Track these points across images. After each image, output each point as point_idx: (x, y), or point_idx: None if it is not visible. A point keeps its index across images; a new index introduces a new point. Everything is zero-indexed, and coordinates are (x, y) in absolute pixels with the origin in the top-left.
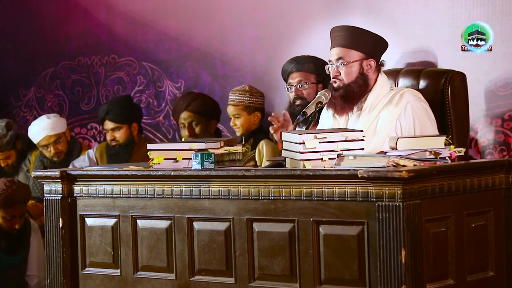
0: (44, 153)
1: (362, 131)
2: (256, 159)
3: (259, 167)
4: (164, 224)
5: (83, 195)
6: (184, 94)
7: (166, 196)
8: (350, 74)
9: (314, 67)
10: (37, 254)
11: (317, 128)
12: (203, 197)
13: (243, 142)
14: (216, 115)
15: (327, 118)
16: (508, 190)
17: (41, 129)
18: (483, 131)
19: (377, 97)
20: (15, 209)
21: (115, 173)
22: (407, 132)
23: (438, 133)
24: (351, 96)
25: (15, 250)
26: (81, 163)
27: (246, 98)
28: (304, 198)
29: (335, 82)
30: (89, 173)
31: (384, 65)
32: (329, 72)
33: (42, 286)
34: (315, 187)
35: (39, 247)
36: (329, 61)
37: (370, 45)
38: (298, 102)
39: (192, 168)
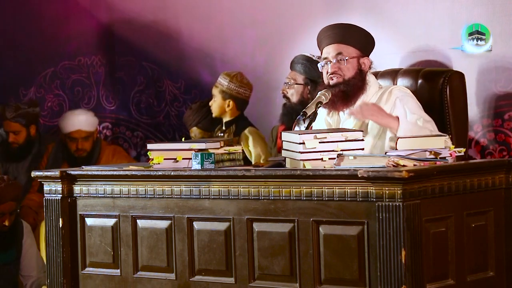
0: (69, 145)
1: (362, 131)
2: (242, 145)
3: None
4: (164, 224)
5: (83, 195)
6: (196, 107)
7: (166, 196)
8: (350, 69)
9: (302, 68)
10: (31, 255)
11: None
12: (203, 197)
13: (224, 128)
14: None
15: (318, 121)
16: (508, 190)
17: (76, 122)
18: (483, 131)
19: (367, 97)
20: (4, 206)
21: (115, 173)
22: None
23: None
24: (352, 91)
25: (6, 247)
26: None
27: (225, 83)
28: (304, 198)
29: (332, 78)
30: (89, 173)
31: (372, 65)
32: (322, 70)
33: (38, 284)
34: (315, 187)
35: (32, 247)
36: (324, 59)
37: (364, 42)
38: (285, 100)
39: (192, 168)
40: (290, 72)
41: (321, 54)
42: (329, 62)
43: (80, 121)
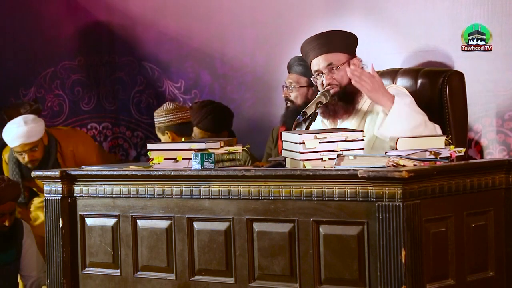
0: (18, 158)
1: (362, 131)
2: None
3: None
4: (164, 224)
5: (83, 195)
6: (197, 106)
7: (166, 196)
8: (344, 76)
9: (304, 70)
10: (31, 255)
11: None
12: (203, 197)
13: None
14: (227, 126)
15: (316, 123)
16: (508, 190)
17: (16, 136)
18: (483, 131)
19: (364, 97)
20: (4, 206)
21: (115, 173)
22: None
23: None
24: (351, 95)
25: (6, 247)
26: None
27: (156, 119)
28: (304, 198)
29: (329, 90)
30: (89, 173)
31: (362, 62)
32: (315, 83)
33: (38, 284)
34: (315, 187)
35: (32, 247)
36: (316, 71)
37: (348, 44)
38: (288, 103)
39: (192, 168)
40: (290, 75)
41: (310, 66)
42: (321, 74)
43: (20, 134)
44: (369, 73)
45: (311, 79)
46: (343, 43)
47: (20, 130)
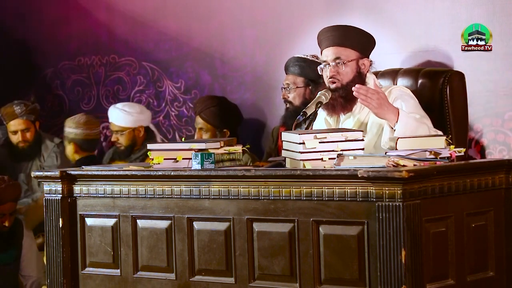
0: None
1: (362, 131)
2: None
3: None
4: (164, 224)
5: (83, 195)
6: (205, 97)
7: (166, 196)
8: (348, 73)
9: (299, 70)
10: (31, 255)
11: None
12: (203, 197)
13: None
14: (230, 125)
15: (318, 121)
16: (508, 190)
17: (111, 115)
18: (483, 131)
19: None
20: (4, 207)
21: (115, 173)
22: None
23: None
24: (351, 95)
25: (6, 247)
26: None
27: (65, 128)
28: (304, 198)
29: (332, 82)
30: (89, 173)
31: (372, 65)
32: (322, 73)
33: (38, 284)
34: (315, 187)
35: (32, 247)
36: (324, 61)
37: (363, 43)
38: (287, 105)
39: (192, 168)
40: (287, 76)
41: (321, 55)
42: (328, 65)
43: (113, 114)
44: (374, 90)
45: (318, 68)
46: (357, 40)
47: (114, 111)
